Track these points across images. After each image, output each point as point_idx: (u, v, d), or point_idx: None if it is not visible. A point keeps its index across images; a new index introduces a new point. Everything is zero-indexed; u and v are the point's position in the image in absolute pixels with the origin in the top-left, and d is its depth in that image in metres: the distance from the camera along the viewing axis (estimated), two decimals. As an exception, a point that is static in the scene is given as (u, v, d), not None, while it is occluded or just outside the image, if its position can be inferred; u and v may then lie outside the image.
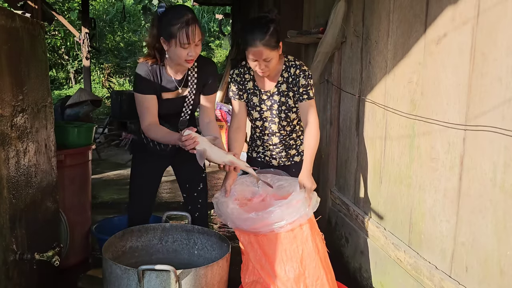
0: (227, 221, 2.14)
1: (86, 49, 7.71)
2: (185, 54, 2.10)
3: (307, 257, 2.05)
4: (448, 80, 1.74)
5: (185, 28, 2.06)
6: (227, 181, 2.27)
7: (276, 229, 2.03)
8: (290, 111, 2.35)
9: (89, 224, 3.06)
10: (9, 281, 1.84)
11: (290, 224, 2.02)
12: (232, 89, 2.42)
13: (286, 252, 2.04)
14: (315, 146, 2.27)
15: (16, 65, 1.94)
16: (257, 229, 2.06)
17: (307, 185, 2.17)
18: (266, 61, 2.17)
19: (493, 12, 1.50)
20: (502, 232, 1.47)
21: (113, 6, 15.06)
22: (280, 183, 2.29)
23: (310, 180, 2.21)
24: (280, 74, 2.32)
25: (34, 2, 5.05)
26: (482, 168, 1.56)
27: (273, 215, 2.02)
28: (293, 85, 2.30)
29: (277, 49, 2.19)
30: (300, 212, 2.03)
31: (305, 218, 2.05)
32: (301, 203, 2.05)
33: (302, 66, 2.30)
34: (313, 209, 2.10)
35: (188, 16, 2.08)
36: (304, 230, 2.06)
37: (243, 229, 2.10)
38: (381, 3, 2.31)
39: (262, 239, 2.08)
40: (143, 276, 1.87)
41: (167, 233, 2.45)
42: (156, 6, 10.94)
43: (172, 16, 2.10)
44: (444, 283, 1.72)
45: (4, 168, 1.81)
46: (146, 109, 2.28)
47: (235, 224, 2.11)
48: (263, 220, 2.03)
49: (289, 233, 2.05)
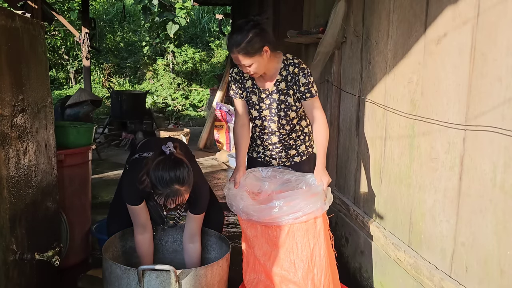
0: (239, 212, 2.13)
1: (86, 49, 7.71)
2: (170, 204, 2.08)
3: (318, 252, 2.06)
4: (448, 80, 1.74)
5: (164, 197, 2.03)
6: (237, 173, 2.32)
7: (291, 220, 2.04)
8: (289, 110, 2.35)
9: (89, 224, 3.06)
10: (9, 281, 1.84)
11: (306, 215, 2.04)
12: (232, 88, 2.43)
13: (297, 245, 2.05)
14: (325, 140, 2.29)
15: (16, 65, 1.94)
16: (272, 220, 2.06)
17: (324, 180, 2.22)
18: (247, 66, 2.18)
19: (493, 12, 1.50)
20: (502, 232, 1.47)
21: (113, 6, 15.05)
22: (287, 177, 2.30)
23: (326, 174, 2.26)
24: (279, 72, 2.32)
25: (34, 2, 5.05)
26: (482, 168, 1.56)
27: (290, 205, 2.04)
28: (292, 83, 2.30)
29: (258, 55, 2.16)
30: (316, 205, 2.04)
31: (321, 212, 2.08)
32: (319, 196, 2.08)
33: (300, 64, 2.30)
34: (329, 204, 2.14)
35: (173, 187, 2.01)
36: (317, 225, 2.08)
37: (257, 220, 2.09)
38: (381, 3, 2.31)
39: (273, 231, 2.07)
40: (143, 276, 1.87)
41: (167, 233, 2.46)
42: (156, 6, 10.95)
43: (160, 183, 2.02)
44: (444, 283, 1.72)
45: (4, 168, 1.81)
46: (138, 217, 2.27)
47: (249, 215, 2.10)
48: (279, 210, 2.04)
49: (302, 225, 2.05)
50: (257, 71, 2.21)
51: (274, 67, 2.30)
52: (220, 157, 6.08)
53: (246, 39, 2.12)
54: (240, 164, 2.38)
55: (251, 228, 2.13)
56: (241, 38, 2.12)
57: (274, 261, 2.06)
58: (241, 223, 2.18)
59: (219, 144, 6.46)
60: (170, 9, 11.13)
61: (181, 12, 11.34)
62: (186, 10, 11.49)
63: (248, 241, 2.15)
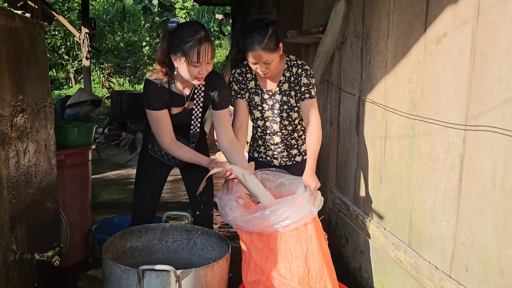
0: (230, 222, 2.13)
1: (86, 49, 7.71)
2: (195, 72, 2.05)
3: (312, 256, 2.05)
4: (448, 80, 1.74)
5: (197, 46, 2.00)
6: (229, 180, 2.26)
7: (281, 228, 2.03)
8: (291, 111, 2.35)
9: (89, 224, 3.06)
10: (9, 281, 1.84)
11: (294, 223, 2.02)
12: (234, 88, 2.43)
13: (291, 251, 2.04)
14: (317, 145, 2.28)
15: (16, 65, 1.94)
16: (261, 230, 2.05)
17: (311, 184, 2.19)
18: (266, 64, 2.18)
19: (493, 12, 1.50)
20: (502, 232, 1.47)
21: (113, 6, 15.06)
22: (281, 180, 2.29)
23: (314, 178, 2.22)
24: (282, 73, 2.32)
25: (34, 2, 5.05)
26: (482, 168, 1.56)
27: (277, 214, 2.02)
28: (295, 84, 2.30)
29: (276, 51, 2.18)
30: (305, 211, 2.03)
31: (310, 217, 2.06)
32: (306, 201, 2.06)
33: (304, 65, 2.31)
34: (318, 208, 2.12)
35: (201, 34, 2.02)
36: (309, 229, 2.07)
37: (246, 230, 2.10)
38: (381, 3, 2.31)
39: (267, 238, 2.07)
40: (143, 276, 1.87)
41: (167, 233, 2.45)
42: (156, 6, 10.96)
43: (184, 32, 2.03)
44: (444, 283, 1.72)
45: (4, 168, 1.81)
46: (163, 125, 2.21)
47: (238, 226, 2.11)
48: (267, 220, 2.02)
49: (293, 232, 2.04)
50: (272, 69, 2.22)
51: (277, 68, 2.30)
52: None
53: (267, 35, 2.12)
54: None
55: (246, 234, 2.13)
56: (262, 35, 2.12)
57: (271, 267, 2.06)
58: (236, 229, 2.18)
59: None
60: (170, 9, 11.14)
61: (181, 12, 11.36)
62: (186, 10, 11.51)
63: (245, 245, 2.15)
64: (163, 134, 2.21)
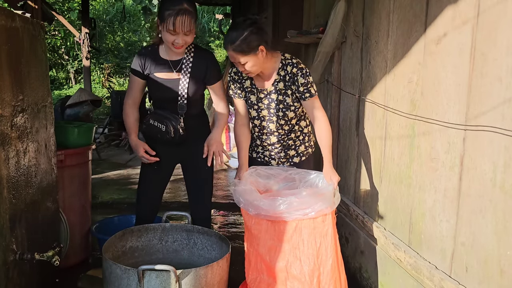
0: (248, 207, 2.11)
1: (86, 49, 7.71)
2: (171, 39, 2.22)
3: (324, 252, 2.05)
4: (448, 80, 1.74)
5: (174, 16, 2.15)
6: (240, 172, 2.37)
7: (301, 215, 2.03)
8: (288, 110, 2.35)
9: (89, 224, 3.06)
10: (9, 281, 1.84)
11: (315, 212, 2.03)
12: (231, 87, 2.43)
13: (304, 242, 2.05)
14: (329, 139, 2.29)
15: (16, 65, 1.94)
16: (282, 214, 2.04)
17: (333, 178, 2.23)
18: (242, 64, 2.19)
19: (493, 12, 1.50)
20: (502, 232, 1.47)
21: (113, 6, 15.05)
22: (291, 175, 2.31)
23: (335, 172, 2.28)
24: (277, 72, 2.31)
25: (34, 2, 5.05)
26: (482, 168, 1.56)
27: (301, 201, 2.04)
28: (291, 83, 2.29)
29: (252, 54, 2.16)
30: (326, 203, 2.05)
31: (330, 210, 2.07)
32: (327, 195, 2.08)
33: (299, 64, 2.30)
34: (337, 203, 2.14)
35: (182, 6, 2.17)
36: (326, 224, 2.07)
37: (265, 215, 2.08)
38: (381, 3, 2.31)
39: (280, 226, 2.07)
40: (143, 276, 1.87)
41: (167, 233, 2.45)
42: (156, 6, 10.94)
43: (168, 2, 2.21)
44: (444, 283, 1.72)
45: (4, 168, 1.81)
46: (131, 89, 2.48)
47: (258, 209, 2.09)
48: (290, 205, 2.03)
49: (309, 223, 2.05)
50: (252, 70, 2.22)
51: (272, 67, 2.30)
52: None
53: (241, 37, 2.13)
54: (243, 163, 2.41)
55: (256, 225, 2.12)
56: (236, 36, 2.13)
57: (279, 256, 2.05)
58: (246, 220, 2.17)
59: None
60: (170, 9, 11.12)
61: (181, 12, 11.34)
62: (186, 10, 11.49)
63: (252, 238, 2.14)
64: (127, 95, 2.50)
